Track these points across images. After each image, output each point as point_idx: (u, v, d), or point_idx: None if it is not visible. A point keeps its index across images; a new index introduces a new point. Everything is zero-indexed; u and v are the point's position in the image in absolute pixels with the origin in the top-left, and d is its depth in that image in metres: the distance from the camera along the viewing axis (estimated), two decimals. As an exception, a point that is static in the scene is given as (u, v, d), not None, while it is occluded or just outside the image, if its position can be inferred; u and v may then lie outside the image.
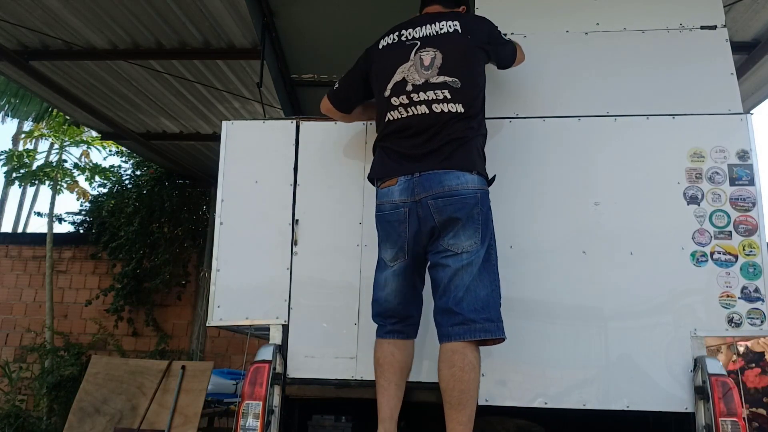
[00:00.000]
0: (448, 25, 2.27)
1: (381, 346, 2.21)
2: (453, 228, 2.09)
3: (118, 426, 4.03)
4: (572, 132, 2.53)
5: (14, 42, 4.71)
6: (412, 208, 2.14)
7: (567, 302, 2.35)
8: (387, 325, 2.22)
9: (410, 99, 2.20)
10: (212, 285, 2.50)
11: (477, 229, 2.09)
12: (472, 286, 2.03)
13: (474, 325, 1.99)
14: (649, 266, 2.34)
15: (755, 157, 2.40)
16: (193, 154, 6.98)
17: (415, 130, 2.19)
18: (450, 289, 2.06)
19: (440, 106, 2.16)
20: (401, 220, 2.17)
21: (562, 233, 2.42)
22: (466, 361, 1.98)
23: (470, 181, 2.11)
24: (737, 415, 2.07)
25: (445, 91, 2.16)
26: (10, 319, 7.61)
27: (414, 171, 2.15)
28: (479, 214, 2.10)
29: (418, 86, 2.20)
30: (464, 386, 1.97)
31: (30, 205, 14.67)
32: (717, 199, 2.37)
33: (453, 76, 2.17)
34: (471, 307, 2.01)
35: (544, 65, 2.64)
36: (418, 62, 2.24)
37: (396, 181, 2.18)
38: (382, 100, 2.29)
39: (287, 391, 2.39)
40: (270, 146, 2.66)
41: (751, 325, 2.25)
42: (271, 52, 3.68)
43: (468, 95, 2.18)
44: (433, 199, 2.10)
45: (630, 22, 2.65)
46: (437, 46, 2.23)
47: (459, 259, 2.07)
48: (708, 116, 2.47)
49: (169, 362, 4.31)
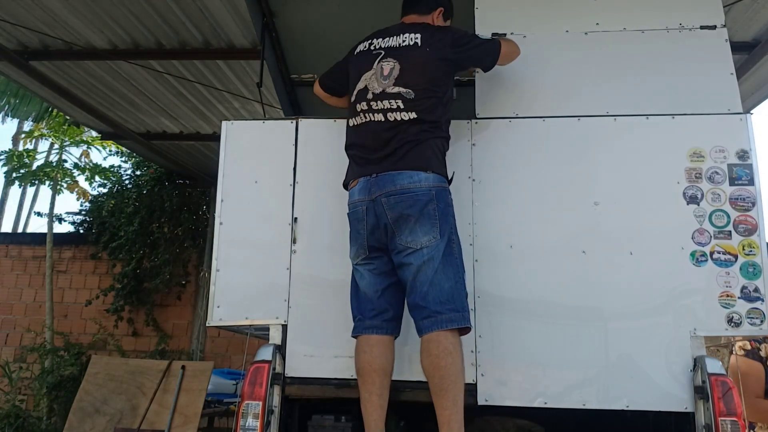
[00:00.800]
0: (410, 38, 2.38)
1: (359, 348, 2.24)
2: (407, 225, 2.17)
3: (118, 426, 4.03)
4: (572, 132, 2.52)
5: (14, 42, 4.71)
6: (369, 206, 2.25)
7: (567, 302, 2.35)
8: (365, 319, 2.26)
9: (369, 106, 2.33)
10: (212, 285, 2.50)
11: (434, 224, 2.16)
12: (436, 280, 2.12)
13: (440, 316, 2.09)
14: (649, 266, 2.34)
15: (755, 156, 2.40)
16: (193, 154, 6.98)
17: (372, 136, 2.31)
18: (416, 286, 2.15)
19: (393, 114, 2.28)
20: (360, 218, 2.28)
21: (561, 233, 2.42)
22: (441, 348, 2.06)
23: (423, 180, 2.20)
24: (737, 415, 2.07)
25: (399, 100, 2.28)
26: (10, 319, 7.61)
27: (372, 172, 2.27)
28: (435, 210, 2.17)
29: (376, 95, 2.32)
30: (443, 372, 2.04)
31: (30, 205, 14.69)
32: (717, 198, 2.37)
33: (407, 87, 2.28)
34: (436, 299, 2.11)
35: (544, 65, 2.64)
36: (378, 72, 2.35)
37: (357, 182, 2.32)
38: (350, 105, 2.44)
39: (287, 391, 2.38)
40: (270, 146, 2.67)
41: (750, 325, 2.25)
42: (271, 52, 3.68)
43: (422, 105, 2.26)
44: (386, 197, 2.20)
45: (630, 22, 2.65)
46: (397, 57, 2.35)
47: (420, 255, 2.14)
48: (708, 116, 2.47)
49: (169, 362, 4.31)
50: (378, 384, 2.17)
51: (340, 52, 2.63)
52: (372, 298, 2.28)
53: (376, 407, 2.16)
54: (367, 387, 2.18)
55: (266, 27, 3.51)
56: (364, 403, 2.18)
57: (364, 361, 2.20)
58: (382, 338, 2.23)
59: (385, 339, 2.24)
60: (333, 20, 3.50)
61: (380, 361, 2.19)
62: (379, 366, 2.19)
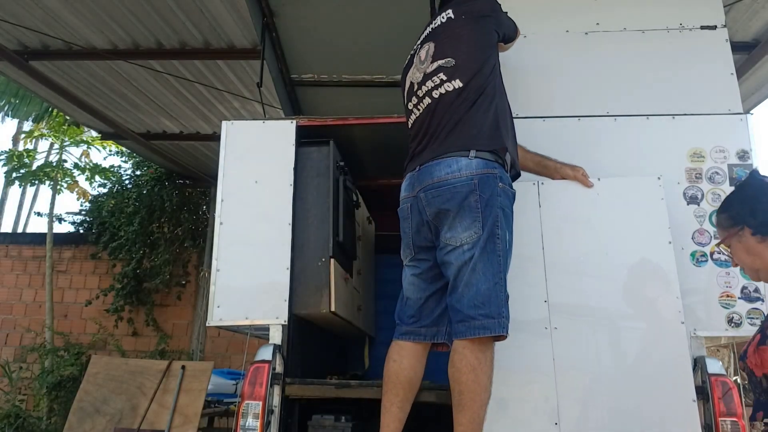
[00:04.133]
0: (441, 17, 2.27)
1: (390, 355, 2.15)
2: (446, 221, 2.01)
3: (118, 426, 4.02)
4: (572, 132, 2.52)
5: (14, 42, 4.70)
6: (413, 203, 2.13)
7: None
8: (403, 325, 2.19)
9: (417, 97, 2.21)
10: (212, 285, 2.50)
11: (476, 218, 1.96)
12: (473, 281, 1.93)
13: (472, 322, 1.91)
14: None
15: (755, 157, 2.40)
16: (193, 154, 6.97)
17: (420, 124, 2.18)
18: (455, 286, 1.98)
19: (439, 90, 2.12)
20: (405, 216, 2.17)
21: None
22: (464, 362, 1.90)
23: (464, 168, 1.99)
24: (737, 415, 2.07)
25: (440, 73, 2.13)
26: (10, 319, 7.61)
27: (416, 165, 2.13)
28: (477, 201, 1.96)
29: (419, 82, 2.21)
30: (462, 387, 1.89)
31: (30, 205, 14.64)
32: (717, 199, 2.37)
33: (445, 57, 2.14)
34: (471, 303, 1.92)
35: (544, 65, 2.64)
36: (417, 62, 2.26)
37: (404, 178, 2.20)
38: (405, 111, 2.33)
39: (287, 391, 2.38)
40: (270, 146, 2.67)
41: (750, 325, 2.25)
42: (271, 52, 3.68)
43: (467, 68, 2.10)
44: (424, 192, 2.06)
45: (630, 22, 2.65)
46: (431, 39, 2.24)
47: (460, 253, 1.97)
48: (708, 116, 2.47)
49: (169, 362, 4.30)
50: (401, 396, 2.08)
51: (340, 51, 2.63)
52: (414, 304, 2.17)
53: (395, 418, 2.07)
54: (390, 396, 2.09)
55: (266, 27, 3.51)
56: (383, 411, 2.09)
57: (392, 370, 2.12)
58: (416, 347, 2.14)
59: (419, 348, 2.14)
60: (333, 20, 3.50)
61: (408, 373, 2.11)
62: (406, 378, 2.10)
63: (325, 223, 2.63)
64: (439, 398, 2.24)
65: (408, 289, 2.19)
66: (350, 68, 3.90)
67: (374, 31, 3.24)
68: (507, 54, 2.54)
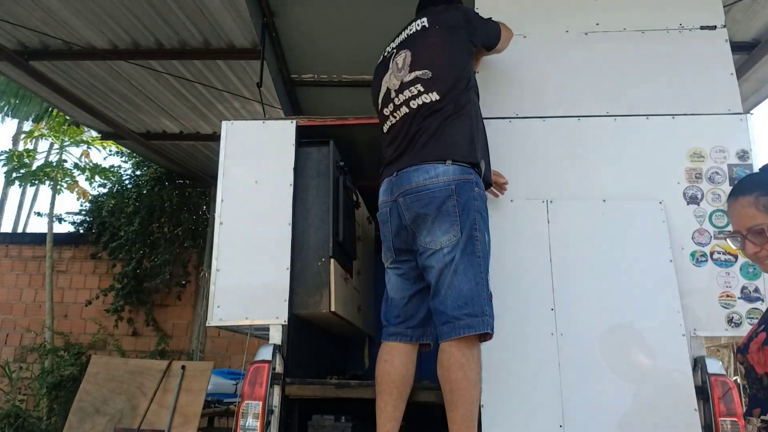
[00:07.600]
0: (416, 24, 2.31)
1: (381, 355, 2.19)
2: (425, 225, 2.06)
3: (118, 426, 4.02)
4: (572, 132, 2.52)
5: (14, 42, 4.70)
6: (392, 207, 2.19)
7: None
8: (390, 326, 2.22)
9: (394, 104, 2.26)
10: (212, 285, 2.50)
11: (454, 221, 2.02)
12: (455, 283, 1.99)
13: (457, 322, 1.96)
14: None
15: (755, 157, 2.40)
16: (193, 154, 6.98)
17: (399, 132, 2.23)
18: (437, 289, 2.04)
19: (416, 101, 2.19)
20: (384, 220, 2.23)
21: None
22: (453, 360, 1.95)
23: (442, 174, 2.05)
24: (737, 415, 2.07)
25: (418, 85, 2.19)
26: (10, 319, 7.61)
27: (394, 171, 2.19)
28: (455, 206, 2.03)
29: (396, 90, 2.25)
30: (452, 385, 1.94)
31: (30, 205, 14.64)
32: (717, 199, 2.37)
33: (422, 68, 2.19)
34: (454, 304, 1.97)
35: (544, 65, 2.64)
36: (394, 68, 2.30)
37: (383, 183, 2.25)
38: (379, 115, 2.36)
39: (287, 391, 2.38)
40: (270, 146, 2.67)
41: (750, 325, 2.25)
42: (271, 52, 3.68)
43: (442, 83, 2.15)
44: (403, 197, 2.12)
45: (630, 22, 2.65)
46: (407, 47, 2.29)
47: (440, 256, 2.02)
48: (708, 116, 2.47)
49: (169, 362, 4.30)
50: (395, 395, 2.11)
51: (340, 52, 2.63)
52: (398, 303, 2.22)
53: (390, 418, 2.09)
54: (384, 397, 2.12)
55: (266, 27, 3.52)
56: (379, 412, 2.12)
57: (384, 370, 2.15)
58: (405, 347, 2.18)
59: (408, 348, 2.18)
60: (333, 20, 3.50)
61: (400, 371, 2.14)
62: (399, 376, 2.13)
63: (325, 223, 2.64)
64: (438, 398, 2.23)
65: (391, 289, 2.25)
66: (350, 68, 3.90)
67: (374, 31, 3.23)
68: (507, 54, 2.54)
